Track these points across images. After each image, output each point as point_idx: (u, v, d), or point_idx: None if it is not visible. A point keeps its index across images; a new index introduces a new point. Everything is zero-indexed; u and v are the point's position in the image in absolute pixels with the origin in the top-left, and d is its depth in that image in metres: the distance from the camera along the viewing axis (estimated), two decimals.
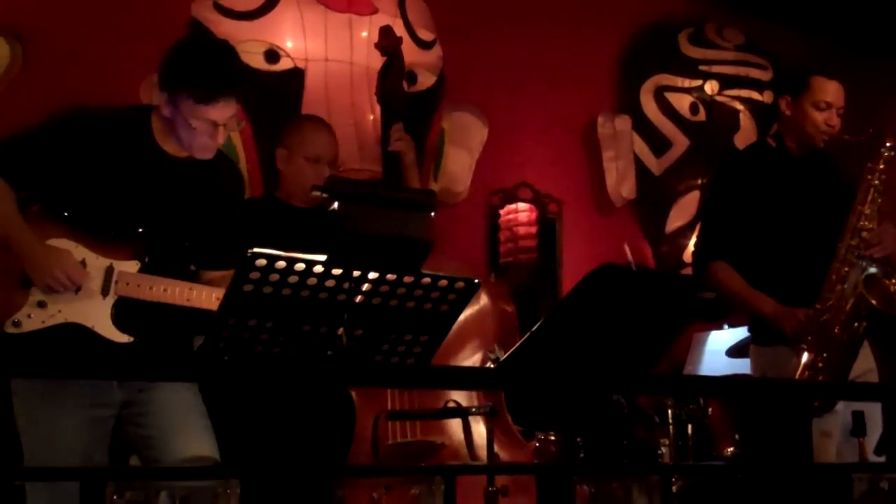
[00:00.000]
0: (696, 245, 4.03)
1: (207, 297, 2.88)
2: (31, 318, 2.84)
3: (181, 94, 2.90)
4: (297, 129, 3.88)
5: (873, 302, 3.56)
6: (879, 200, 3.66)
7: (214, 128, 2.94)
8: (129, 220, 2.94)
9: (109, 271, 2.90)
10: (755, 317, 3.79)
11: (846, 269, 3.62)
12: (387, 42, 3.94)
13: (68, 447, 2.84)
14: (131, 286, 2.90)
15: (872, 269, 3.60)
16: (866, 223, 3.64)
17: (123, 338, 2.89)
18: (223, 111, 2.92)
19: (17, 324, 2.84)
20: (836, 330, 3.59)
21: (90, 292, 2.88)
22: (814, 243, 3.70)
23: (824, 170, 3.84)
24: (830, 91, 3.76)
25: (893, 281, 3.59)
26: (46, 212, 2.93)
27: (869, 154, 3.73)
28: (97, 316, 2.88)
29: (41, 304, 2.85)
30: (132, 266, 2.92)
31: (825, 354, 3.58)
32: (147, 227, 2.95)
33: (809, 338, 3.58)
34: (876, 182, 3.68)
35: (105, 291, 2.89)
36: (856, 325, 3.59)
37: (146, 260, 2.93)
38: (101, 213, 2.92)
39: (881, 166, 3.69)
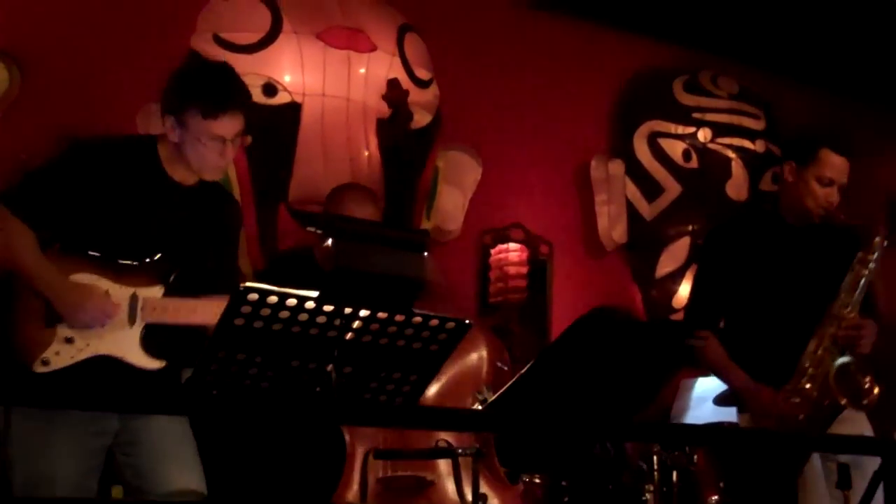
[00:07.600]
0: (685, 309, 4.01)
1: None
2: (60, 355, 2.81)
3: (188, 112, 2.91)
4: (339, 206, 3.70)
5: (841, 399, 3.50)
6: (865, 291, 3.58)
7: (223, 144, 2.95)
8: (145, 247, 2.93)
9: (134, 299, 2.88)
10: None
11: (821, 354, 3.55)
12: (394, 94, 4.01)
13: (64, 477, 2.81)
14: (157, 311, 2.88)
15: (845, 359, 3.52)
16: (848, 311, 3.57)
17: (155, 363, 2.87)
18: (230, 126, 2.94)
19: (45, 362, 2.80)
20: (800, 417, 3.53)
21: (117, 323, 2.86)
22: (800, 317, 3.63)
23: (821, 242, 3.74)
24: (836, 167, 3.67)
25: (866, 378, 3.50)
26: (65, 248, 2.91)
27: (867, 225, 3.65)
28: (126, 345, 2.86)
29: (69, 340, 2.82)
30: (156, 291, 2.91)
31: None
32: (164, 253, 2.94)
33: (772, 422, 3.52)
34: (865, 272, 3.59)
35: (132, 320, 2.88)
36: (821, 413, 3.53)
37: (169, 284, 2.91)
38: (118, 243, 2.91)
39: (872, 256, 3.60)
